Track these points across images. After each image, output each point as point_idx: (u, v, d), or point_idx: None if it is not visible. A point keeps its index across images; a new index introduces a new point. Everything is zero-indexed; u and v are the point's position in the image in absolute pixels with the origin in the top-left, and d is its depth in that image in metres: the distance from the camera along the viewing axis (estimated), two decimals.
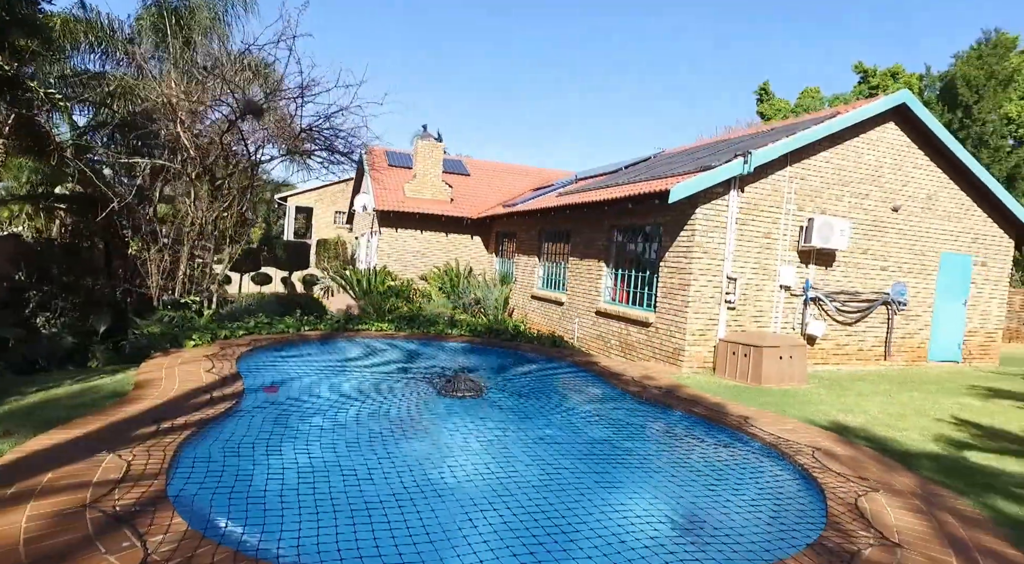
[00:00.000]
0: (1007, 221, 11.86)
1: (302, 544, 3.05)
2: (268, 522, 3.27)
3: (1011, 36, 27.02)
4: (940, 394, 8.36)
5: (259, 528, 3.18)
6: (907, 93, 10.52)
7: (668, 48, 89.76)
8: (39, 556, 2.53)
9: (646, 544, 3.32)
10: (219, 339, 7.94)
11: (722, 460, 4.95)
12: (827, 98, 33.19)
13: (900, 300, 10.67)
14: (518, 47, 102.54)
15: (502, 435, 5.24)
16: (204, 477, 3.76)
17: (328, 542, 3.08)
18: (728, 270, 9.54)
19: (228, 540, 2.90)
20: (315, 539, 3.11)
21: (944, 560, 3.12)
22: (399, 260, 17.99)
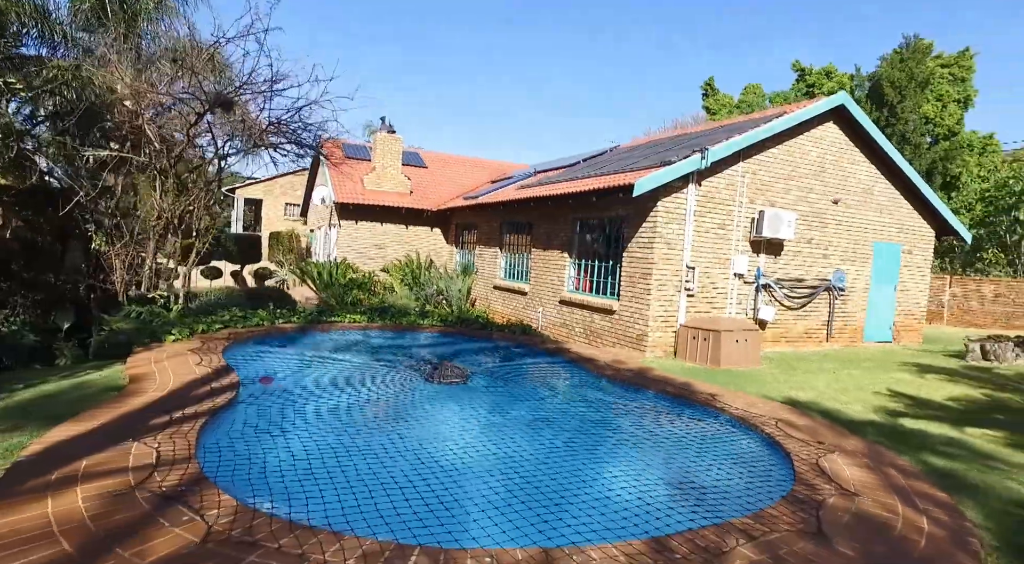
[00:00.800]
0: (929, 214, 13.00)
1: (328, 511, 3.34)
2: (296, 494, 3.54)
3: (927, 42, 29.11)
4: (876, 371, 9.23)
5: (290, 500, 3.44)
6: (845, 95, 11.38)
7: (614, 43, 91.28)
8: (110, 530, 2.72)
9: (643, 501, 3.76)
10: (197, 333, 7.94)
11: (699, 431, 5.48)
12: (768, 94, 34.77)
13: (840, 286, 11.60)
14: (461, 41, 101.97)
15: (495, 416, 5.60)
16: (233, 459, 3.99)
17: (352, 507, 3.43)
18: (687, 260, 10.15)
19: (275, 512, 3.15)
20: (338, 505, 3.43)
21: (889, 503, 3.67)
22: (359, 252, 17.98)
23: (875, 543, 3.11)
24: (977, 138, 30.48)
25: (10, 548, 2.55)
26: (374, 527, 3.17)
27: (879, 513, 3.51)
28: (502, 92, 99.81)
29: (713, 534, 3.08)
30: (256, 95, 9.30)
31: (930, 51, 29.23)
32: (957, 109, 29.65)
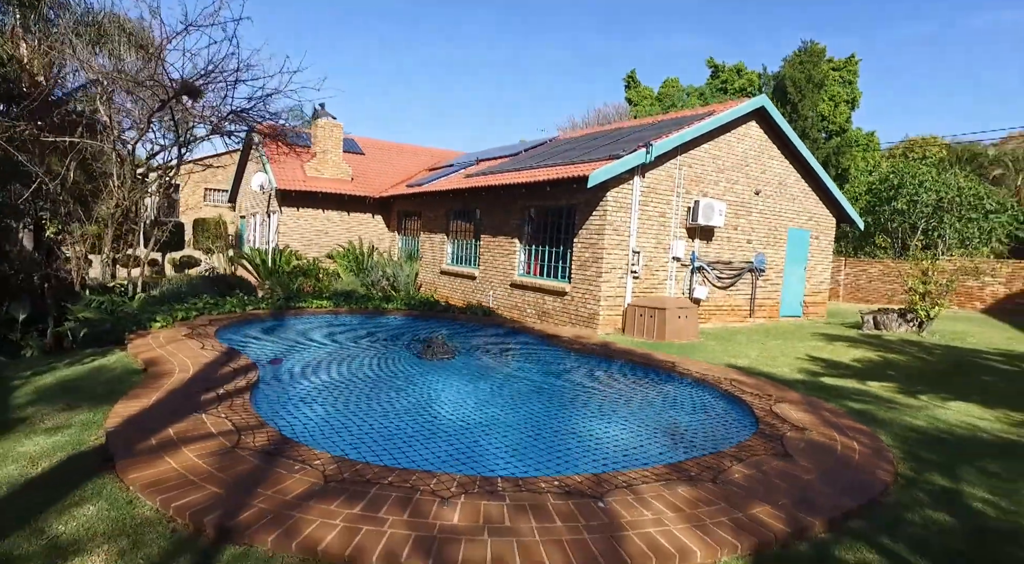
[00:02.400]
0: (832, 204, 14.82)
1: (389, 459, 3.97)
2: (358, 447, 4.12)
3: (821, 46, 32.07)
4: (794, 340, 10.68)
5: (359, 452, 4.01)
6: (765, 98, 12.78)
7: (536, 35, 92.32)
8: (239, 478, 3.21)
9: (649, 441, 4.62)
10: (178, 320, 8.04)
11: (673, 390, 6.46)
12: (685, 88, 36.90)
13: (761, 268, 13.10)
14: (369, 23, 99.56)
15: (494, 384, 6.30)
16: (296, 424, 4.51)
17: (405, 455, 4.08)
18: (633, 245, 11.18)
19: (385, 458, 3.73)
20: (394, 454, 4.07)
21: (829, 433, 4.74)
22: (301, 239, 17.91)
23: (824, 459, 4.12)
24: (862, 135, 33.98)
25: (168, 491, 3.00)
26: (435, 468, 3.82)
27: (823, 440, 4.54)
28: (422, 79, 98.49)
29: (712, 459, 3.97)
30: (220, 84, 9.29)
31: (823, 55, 32.19)
32: (846, 108, 32.89)
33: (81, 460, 3.50)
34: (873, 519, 3.31)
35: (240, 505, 2.90)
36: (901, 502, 3.56)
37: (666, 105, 35.62)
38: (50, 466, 3.40)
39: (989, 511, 3.51)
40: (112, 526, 2.76)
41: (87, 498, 3.02)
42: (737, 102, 12.96)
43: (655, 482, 3.48)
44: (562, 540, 2.75)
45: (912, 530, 3.21)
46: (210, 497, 2.97)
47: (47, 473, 3.32)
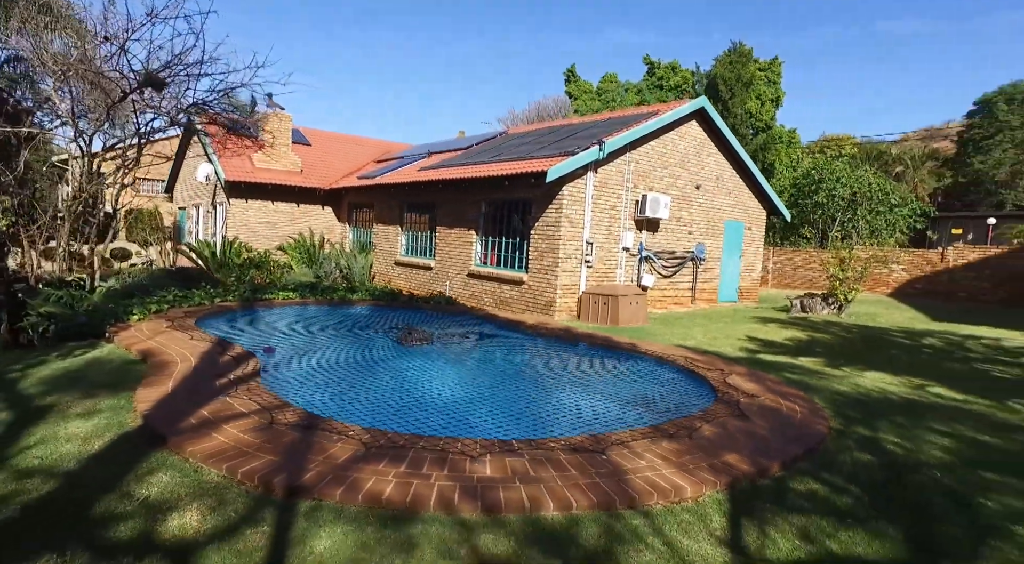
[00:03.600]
0: (763, 198, 16.11)
1: (392, 427, 4.45)
2: (371, 419, 4.58)
3: (748, 48, 34.01)
4: (734, 323, 11.75)
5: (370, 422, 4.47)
6: (704, 99, 13.78)
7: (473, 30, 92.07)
8: (287, 447, 3.63)
9: (628, 410, 5.30)
10: (152, 313, 8.09)
11: (638, 368, 7.20)
12: (623, 84, 38.16)
13: (701, 257, 14.16)
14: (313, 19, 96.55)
15: (472, 365, 6.83)
16: (316, 403, 4.89)
17: (417, 426, 4.55)
18: (587, 236, 11.91)
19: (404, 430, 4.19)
20: (407, 425, 4.54)
21: (774, 399, 5.57)
22: (250, 231, 17.70)
23: (774, 419, 4.92)
24: (785, 132, 36.32)
25: (229, 459, 3.39)
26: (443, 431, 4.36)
27: (771, 404, 5.36)
28: (359, 71, 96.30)
29: (685, 421, 4.68)
30: (183, 76, 9.25)
31: (751, 56, 34.14)
32: (771, 107, 35.04)
33: (130, 438, 3.80)
34: (815, 461, 4.10)
35: (299, 469, 3.33)
36: (834, 448, 4.39)
37: (605, 100, 36.77)
38: (104, 445, 3.69)
39: (898, 451, 4.39)
40: (191, 489, 3.13)
41: (156, 468, 3.37)
42: (680, 103, 13.90)
43: (643, 439, 4.14)
44: (579, 483, 3.35)
45: (844, 467, 4.01)
46: (270, 464, 3.38)
47: (105, 450, 3.61)
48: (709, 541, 2.92)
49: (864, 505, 3.44)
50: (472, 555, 2.69)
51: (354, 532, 2.81)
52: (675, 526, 3.04)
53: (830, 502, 3.45)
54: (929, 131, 58.72)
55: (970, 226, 32.67)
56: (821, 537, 3.03)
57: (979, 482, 3.87)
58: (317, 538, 2.75)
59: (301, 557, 2.61)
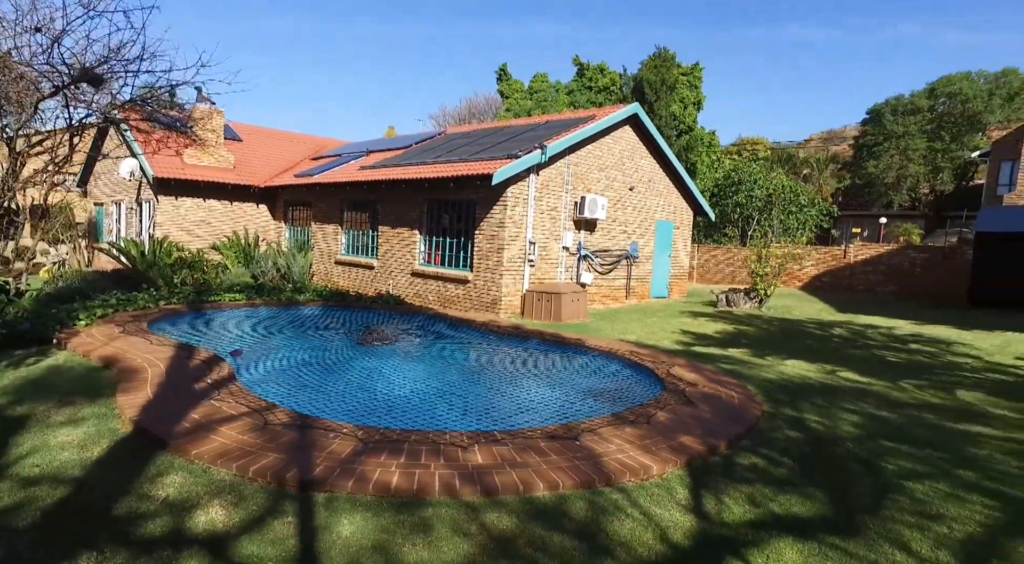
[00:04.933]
0: (690, 198, 17.22)
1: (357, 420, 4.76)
2: (355, 417, 4.84)
3: (672, 53, 35.72)
4: (667, 318, 12.62)
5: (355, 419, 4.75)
6: (637, 106, 14.60)
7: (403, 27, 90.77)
8: (287, 445, 3.87)
9: (585, 402, 5.81)
10: (97, 317, 7.86)
11: (587, 361, 7.74)
12: (554, 84, 39.04)
13: (635, 255, 15.02)
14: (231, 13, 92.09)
15: (433, 363, 7.16)
16: (298, 402, 5.06)
17: (398, 420, 4.86)
18: (530, 236, 12.42)
19: (381, 424, 4.48)
20: (391, 421, 4.86)
21: (714, 387, 6.25)
22: (181, 230, 17.06)
23: (716, 404, 5.57)
24: (705, 134, 38.40)
25: (238, 459, 3.60)
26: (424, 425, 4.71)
27: (711, 391, 6.04)
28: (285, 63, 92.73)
29: (641, 409, 5.24)
30: (120, 72, 8.94)
31: (674, 61, 35.86)
32: (693, 110, 36.96)
33: (129, 443, 3.90)
34: (753, 438, 4.75)
35: (307, 464, 3.60)
36: (768, 427, 5.08)
37: (537, 100, 37.52)
38: (103, 451, 3.78)
39: (819, 427, 5.14)
40: (208, 488, 3.34)
41: (165, 470, 3.53)
42: (615, 109, 14.66)
43: (609, 426, 4.65)
44: (562, 466, 3.80)
45: (777, 443, 4.69)
46: (277, 461, 3.62)
47: (105, 456, 3.72)
48: (678, 509, 3.45)
49: (796, 473, 4.09)
50: (482, 531, 3.08)
51: (373, 518, 3.13)
52: (648, 499, 3.56)
53: (769, 473, 4.08)
54: (830, 133, 63.56)
55: (866, 224, 35.91)
56: (765, 501, 3.63)
57: (880, 450, 4.63)
58: (340, 525, 3.05)
59: (330, 541, 2.91)
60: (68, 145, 9.47)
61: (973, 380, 7.63)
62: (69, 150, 9.51)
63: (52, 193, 22.65)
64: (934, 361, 8.86)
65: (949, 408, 6.16)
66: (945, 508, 3.62)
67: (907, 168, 38.38)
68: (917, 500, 3.72)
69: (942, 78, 39.59)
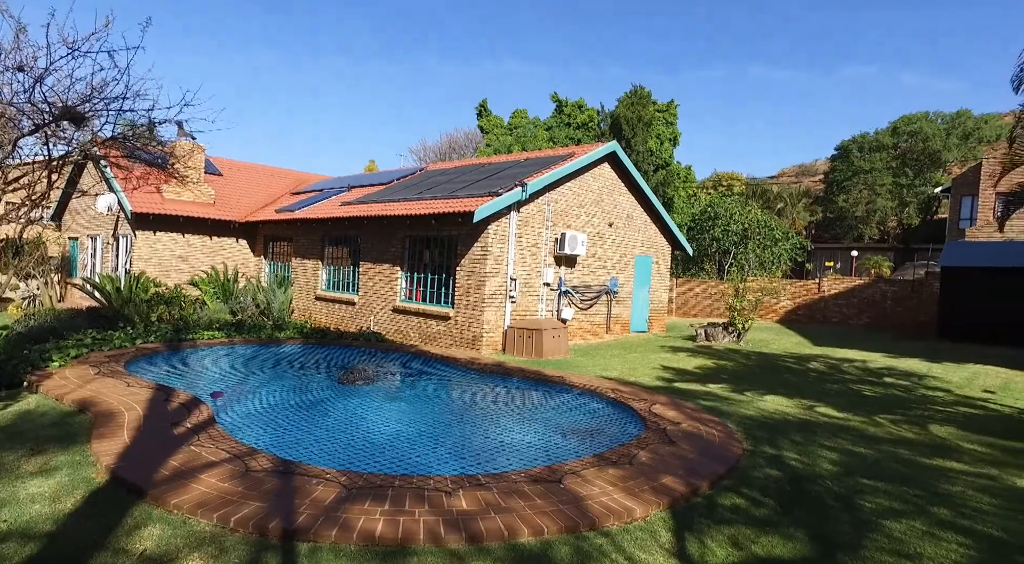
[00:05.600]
0: (667, 233, 17.55)
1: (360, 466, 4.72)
2: (341, 461, 4.80)
3: (647, 91, 36.84)
4: (647, 353, 12.72)
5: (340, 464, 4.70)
6: (615, 144, 15.00)
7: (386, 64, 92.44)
8: (272, 493, 3.82)
9: (568, 442, 5.82)
10: (71, 358, 7.70)
11: (570, 400, 7.76)
12: (532, 120, 39.85)
13: (614, 290, 15.19)
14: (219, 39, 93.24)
15: (417, 404, 7.13)
16: (282, 446, 4.99)
17: (378, 464, 4.83)
18: (511, 272, 12.53)
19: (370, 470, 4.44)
20: (374, 465, 4.82)
21: (695, 425, 6.32)
22: (159, 265, 16.87)
23: (697, 443, 5.63)
24: (682, 169, 39.36)
25: (218, 509, 3.54)
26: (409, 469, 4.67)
27: (692, 429, 6.10)
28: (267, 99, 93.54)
29: (623, 449, 5.27)
30: (103, 111, 8.96)
31: (649, 98, 36.95)
32: (670, 146, 37.94)
33: (104, 493, 3.82)
34: (735, 478, 4.81)
35: (289, 512, 3.55)
36: (749, 465, 5.14)
37: (517, 136, 38.22)
38: (77, 503, 3.69)
39: (798, 465, 5.21)
40: (188, 541, 3.28)
41: (143, 522, 3.46)
42: (594, 146, 15.02)
43: (592, 468, 4.67)
44: (546, 511, 3.81)
45: (758, 482, 4.75)
46: (259, 510, 3.57)
47: (80, 508, 3.63)
48: (661, 553, 3.47)
49: (777, 513, 4.14)
50: None
51: None
52: (632, 543, 3.57)
53: (750, 513, 4.13)
54: (802, 167, 65.54)
55: (838, 256, 36.81)
56: (747, 543, 3.66)
57: (858, 487, 4.72)
58: None
59: None
60: (46, 181, 9.40)
61: (944, 414, 7.81)
62: (47, 187, 9.44)
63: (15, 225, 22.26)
64: (908, 395, 9.05)
65: (923, 443, 6.30)
66: (922, 547, 3.70)
67: (875, 202, 39.65)
68: (895, 539, 3.79)
69: (903, 117, 41.33)
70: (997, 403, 8.70)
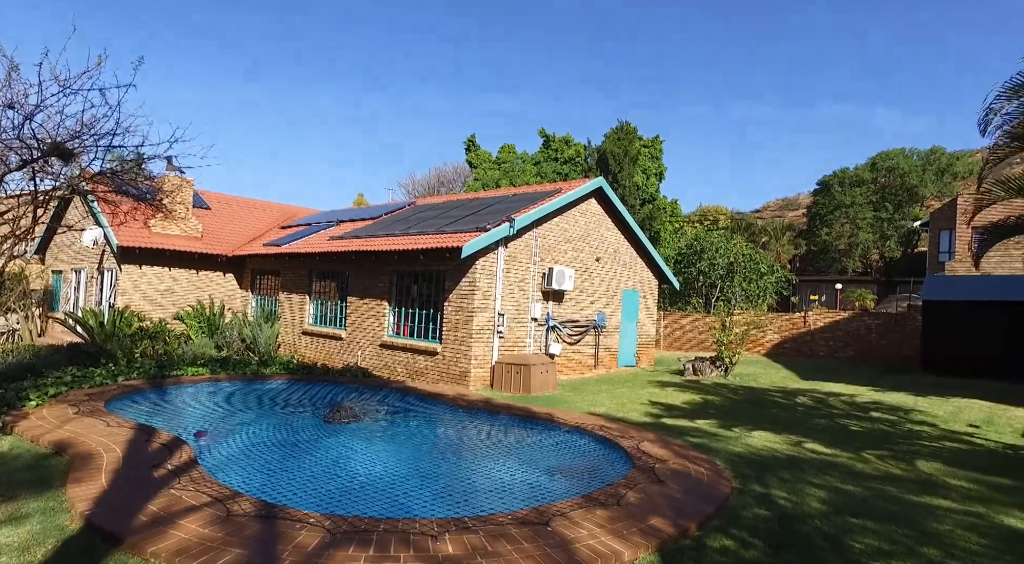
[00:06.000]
0: (654, 267, 17.72)
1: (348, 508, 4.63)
2: (327, 504, 4.71)
3: (632, 126, 37.66)
4: (635, 388, 12.70)
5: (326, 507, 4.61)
6: (602, 180, 15.24)
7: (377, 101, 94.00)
8: (254, 539, 3.74)
9: (555, 483, 5.76)
10: (50, 397, 7.55)
11: (558, 438, 7.70)
12: (520, 155, 40.46)
13: (602, 325, 15.23)
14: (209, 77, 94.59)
15: (404, 443, 7.04)
16: (266, 490, 4.89)
17: (366, 507, 4.75)
18: (498, 307, 12.55)
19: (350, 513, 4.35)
20: (363, 507, 4.73)
21: (683, 463, 6.29)
22: (144, 299, 16.70)
23: (685, 482, 5.60)
24: (668, 203, 39.97)
25: (198, 557, 3.46)
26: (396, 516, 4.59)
27: (680, 468, 6.07)
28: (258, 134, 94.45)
29: (611, 489, 5.23)
30: (91, 146, 9.01)
31: (635, 134, 37.73)
32: (655, 180, 38.60)
33: (78, 542, 3.71)
34: (724, 518, 4.77)
35: (272, 560, 3.47)
36: (738, 505, 5.11)
37: (505, 170, 38.73)
38: (48, 553, 3.58)
39: (787, 504, 5.19)
40: None
41: None
42: (581, 182, 15.27)
43: (579, 509, 4.62)
44: (534, 555, 3.75)
45: (747, 521, 4.72)
46: (240, 557, 3.49)
47: (51, 558, 3.52)
48: None
49: (766, 555, 4.11)
50: None
51: None
52: None
53: (740, 555, 4.09)
54: (786, 200, 66.82)
55: (823, 289, 37.25)
56: None
57: (847, 526, 4.70)
58: None
59: None
60: (32, 216, 9.36)
61: (931, 449, 7.84)
62: (32, 222, 9.40)
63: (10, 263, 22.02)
64: (894, 429, 9.08)
65: (910, 480, 6.31)
66: None
67: (857, 236, 40.43)
68: None
69: (880, 153, 42.52)
70: (982, 437, 8.76)
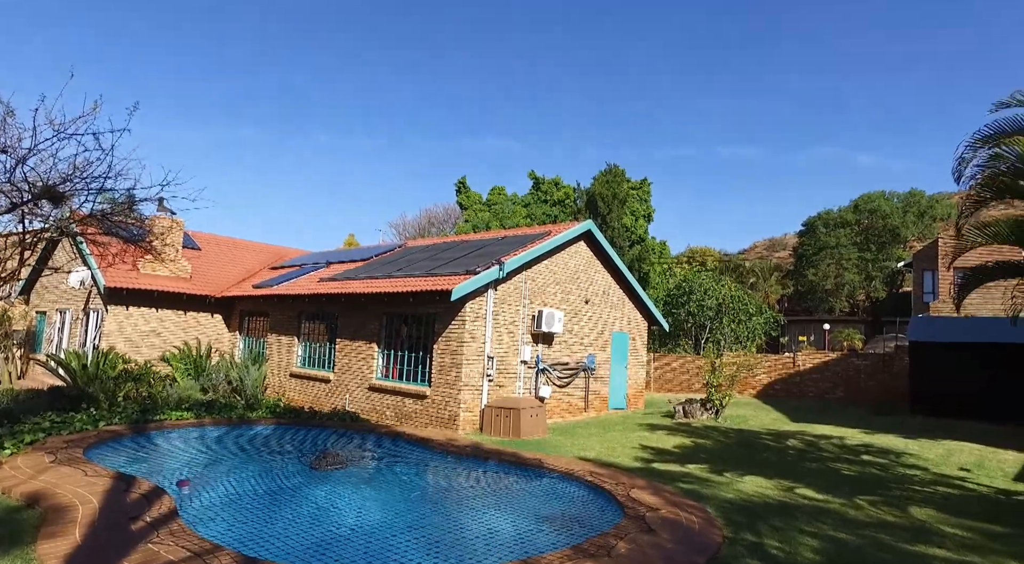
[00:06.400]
0: (643, 309, 17.82)
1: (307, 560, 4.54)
2: (309, 556, 4.60)
3: (621, 169, 38.42)
4: (626, 431, 12.59)
5: (313, 556, 4.50)
6: (591, 223, 15.47)
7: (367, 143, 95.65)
8: None
9: (545, 533, 5.66)
10: (26, 445, 7.37)
11: (547, 486, 7.59)
12: (510, 197, 41.01)
13: (592, 367, 15.20)
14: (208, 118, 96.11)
15: (392, 492, 6.90)
16: (247, 544, 4.75)
17: (343, 555, 4.65)
18: (488, 350, 12.51)
19: None
20: (339, 556, 4.63)
21: (674, 511, 6.21)
22: (130, 340, 16.50)
23: (676, 531, 5.52)
24: (656, 244, 40.46)
25: None
26: None
27: (671, 516, 5.99)
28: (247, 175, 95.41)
29: (601, 539, 5.14)
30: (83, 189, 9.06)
31: (624, 176, 38.46)
32: (644, 222, 39.16)
33: None
34: None
35: None
36: (730, 554, 5.03)
37: (495, 212, 39.17)
38: None
39: (780, 553, 5.12)
40: None
41: None
42: (570, 225, 15.47)
43: (569, 561, 4.53)
44: None
45: None
46: None
47: None
48: None
49: None
50: None
51: None
52: None
53: None
54: (772, 241, 67.83)
55: (812, 329, 37.47)
56: None
57: None
58: None
59: None
60: (18, 258, 9.33)
61: (923, 494, 7.79)
62: (19, 264, 9.36)
63: None
64: (886, 473, 9.04)
65: (904, 527, 6.25)
66: None
67: (843, 276, 40.99)
68: None
69: (863, 195, 43.54)
70: (973, 482, 8.73)
